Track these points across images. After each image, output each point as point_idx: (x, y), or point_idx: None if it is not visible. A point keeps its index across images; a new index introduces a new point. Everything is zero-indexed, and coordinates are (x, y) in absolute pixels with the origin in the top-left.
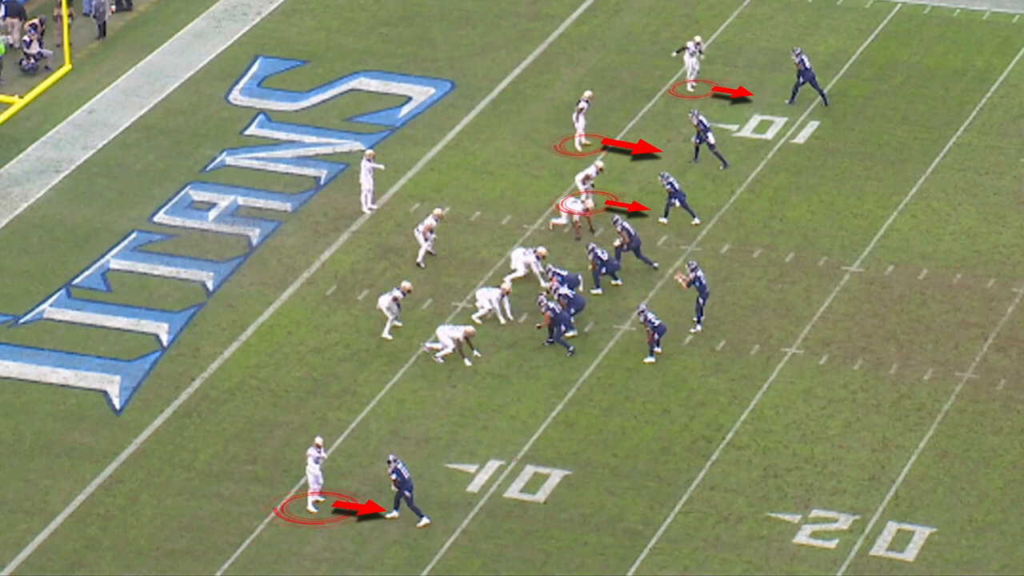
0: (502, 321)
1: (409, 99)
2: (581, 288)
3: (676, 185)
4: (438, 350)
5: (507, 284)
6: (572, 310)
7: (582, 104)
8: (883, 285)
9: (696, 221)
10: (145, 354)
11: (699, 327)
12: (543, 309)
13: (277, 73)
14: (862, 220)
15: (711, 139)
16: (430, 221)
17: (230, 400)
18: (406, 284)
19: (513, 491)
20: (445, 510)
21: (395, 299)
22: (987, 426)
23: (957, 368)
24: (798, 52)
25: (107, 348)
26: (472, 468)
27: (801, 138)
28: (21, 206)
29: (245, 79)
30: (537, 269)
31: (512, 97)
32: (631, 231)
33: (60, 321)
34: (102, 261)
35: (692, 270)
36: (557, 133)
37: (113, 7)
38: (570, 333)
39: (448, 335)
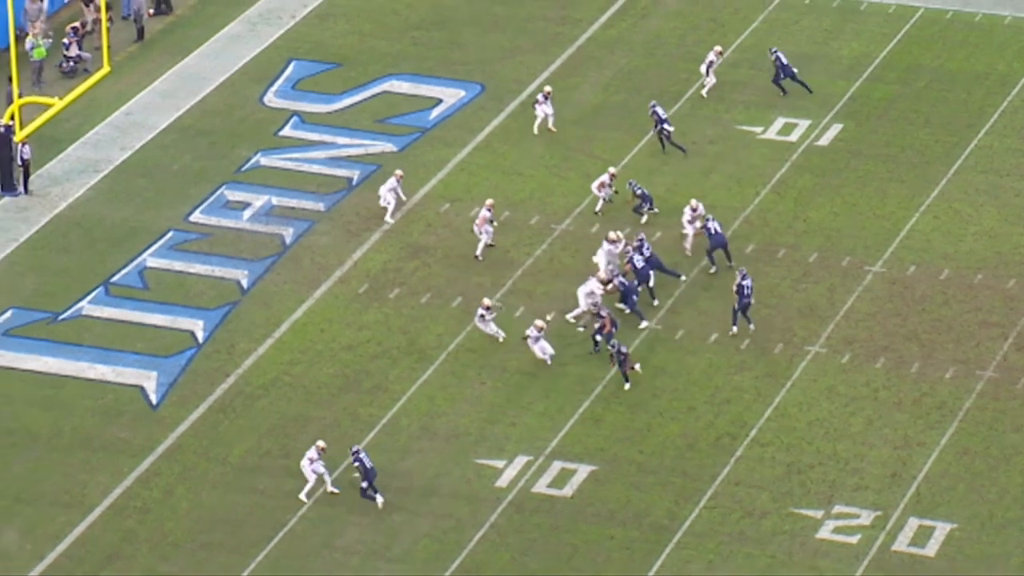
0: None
1: (440, 101)
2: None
3: (644, 190)
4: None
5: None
6: (637, 281)
7: (540, 96)
8: (905, 285)
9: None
10: (181, 350)
11: (735, 329)
12: (616, 282)
13: (311, 76)
14: (885, 221)
15: (668, 128)
16: (485, 213)
17: (264, 396)
18: (486, 301)
19: (541, 486)
20: (474, 505)
21: (481, 316)
22: (1007, 424)
23: (978, 367)
24: (774, 51)
25: (144, 345)
26: (501, 463)
27: (825, 140)
28: (60, 205)
29: (279, 81)
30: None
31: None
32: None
33: (98, 318)
34: (139, 259)
35: (743, 276)
36: (584, 135)
37: (151, 11)
38: (627, 311)
39: (585, 296)
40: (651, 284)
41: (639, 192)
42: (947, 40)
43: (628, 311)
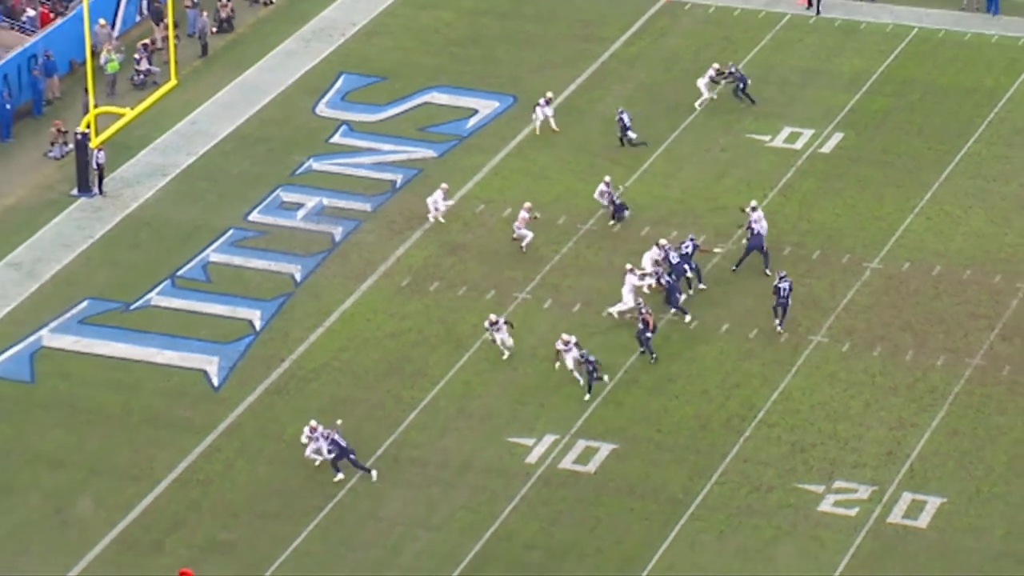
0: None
1: (476, 111)
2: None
3: (619, 201)
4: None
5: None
6: (675, 276)
7: (542, 101)
8: (900, 280)
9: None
10: (240, 337)
11: (780, 327)
12: (660, 279)
13: (359, 88)
14: (882, 222)
15: (631, 135)
16: (523, 215)
17: (315, 379)
18: (492, 316)
19: (567, 462)
20: (506, 479)
21: (486, 329)
22: (993, 407)
23: (966, 355)
24: (731, 65)
25: (207, 332)
26: (530, 442)
27: (827, 148)
28: (132, 206)
29: (330, 93)
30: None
31: (568, 110)
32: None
33: (165, 308)
34: (203, 255)
35: (781, 278)
36: (608, 143)
37: (214, 29)
38: (672, 311)
39: (627, 292)
40: (688, 275)
41: (616, 202)
42: (939, 57)
43: (673, 310)
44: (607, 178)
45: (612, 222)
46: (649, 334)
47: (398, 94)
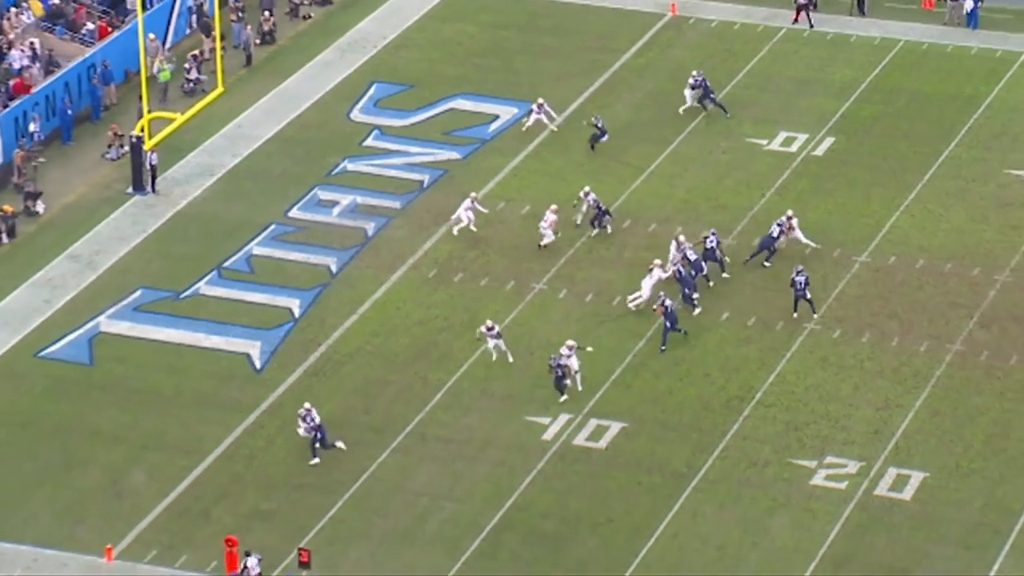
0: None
1: (497, 117)
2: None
3: (601, 204)
4: (636, 299)
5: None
6: (693, 272)
7: (534, 107)
8: (887, 272)
9: (609, 230)
10: (281, 324)
11: (796, 315)
12: (674, 269)
13: (389, 95)
14: (870, 219)
15: (605, 139)
16: (551, 216)
17: (349, 362)
18: (488, 322)
19: (580, 439)
20: (524, 454)
21: (482, 335)
22: (972, 389)
23: (947, 341)
24: (698, 75)
25: (250, 319)
26: (546, 420)
27: (820, 151)
28: (181, 203)
29: (363, 100)
30: (679, 251)
31: (582, 116)
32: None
33: (212, 297)
34: (247, 248)
35: (798, 272)
36: (618, 146)
37: (258, 41)
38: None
39: (648, 285)
40: (704, 272)
41: (600, 207)
42: (923, 67)
43: (681, 299)
44: (586, 188)
45: (599, 230)
46: (669, 324)
47: (425, 101)
